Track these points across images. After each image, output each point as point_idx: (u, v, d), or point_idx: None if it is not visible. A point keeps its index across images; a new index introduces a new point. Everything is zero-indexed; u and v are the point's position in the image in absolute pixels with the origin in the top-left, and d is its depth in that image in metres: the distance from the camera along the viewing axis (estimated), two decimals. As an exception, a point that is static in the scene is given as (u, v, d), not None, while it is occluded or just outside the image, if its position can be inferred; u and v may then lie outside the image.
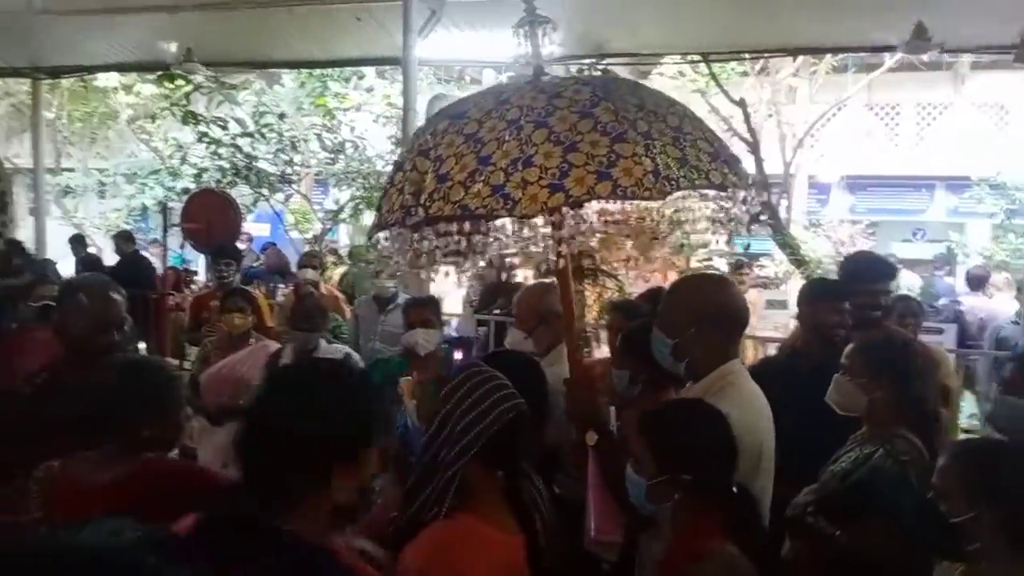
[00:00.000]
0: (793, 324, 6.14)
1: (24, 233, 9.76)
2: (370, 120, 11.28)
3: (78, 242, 10.31)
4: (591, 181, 2.00)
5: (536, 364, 2.81)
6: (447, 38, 7.01)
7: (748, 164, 11.70)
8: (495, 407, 1.90)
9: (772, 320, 7.75)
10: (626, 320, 3.17)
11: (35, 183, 10.23)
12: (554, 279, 2.86)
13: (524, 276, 7.45)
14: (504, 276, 7.17)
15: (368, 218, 12.12)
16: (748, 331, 3.24)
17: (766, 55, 8.79)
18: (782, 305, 8.02)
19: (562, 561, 2.11)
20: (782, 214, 10.81)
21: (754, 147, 10.14)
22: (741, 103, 10.17)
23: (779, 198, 10.99)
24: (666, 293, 2.74)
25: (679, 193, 2.27)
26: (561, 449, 2.65)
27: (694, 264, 9.71)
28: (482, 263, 2.56)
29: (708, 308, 2.30)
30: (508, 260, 6.60)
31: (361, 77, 11.10)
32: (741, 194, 2.31)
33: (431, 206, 2.13)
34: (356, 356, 4.45)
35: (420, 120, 6.70)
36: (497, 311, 6.44)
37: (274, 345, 4.50)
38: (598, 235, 2.59)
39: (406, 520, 1.94)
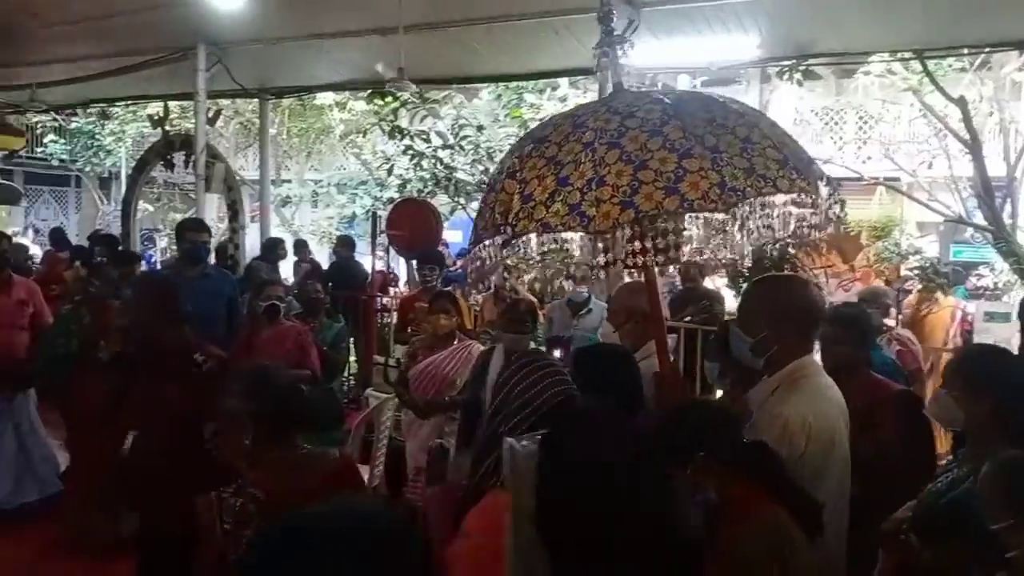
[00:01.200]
0: (1016, 338, 5.64)
1: (249, 238, 10.77)
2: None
3: (302, 246, 11.18)
4: (659, 196, 2.13)
5: (629, 356, 3.01)
6: (642, 46, 7.05)
7: (965, 166, 10.89)
8: (547, 390, 2.14)
9: (993, 333, 7.14)
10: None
11: (260, 193, 11.25)
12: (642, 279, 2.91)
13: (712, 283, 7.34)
14: (691, 284, 7.10)
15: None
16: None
17: (987, 50, 8.08)
18: (1004, 318, 7.39)
19: None
20: (1006, 219, 9.89)
21: (974, 148, 9.37)
22: (960, 101, 9.42)
23: (1002, 202, 10.05)
24: (743, 294, 2.87)
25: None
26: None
27: (904, 272, 9.11)
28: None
29: (780, 308, 2.44)
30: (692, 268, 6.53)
31: (555, 88, 11.36)
32: (811, 199, 2.38)
33: (517, 224, 2.30)
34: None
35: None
36: (688, 319, 6.39)
37: (477, 346, 4.74)
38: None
39: (471, 487, 2.14)
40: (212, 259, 6.96)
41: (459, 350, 4.72)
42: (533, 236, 2.32)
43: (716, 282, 8.04)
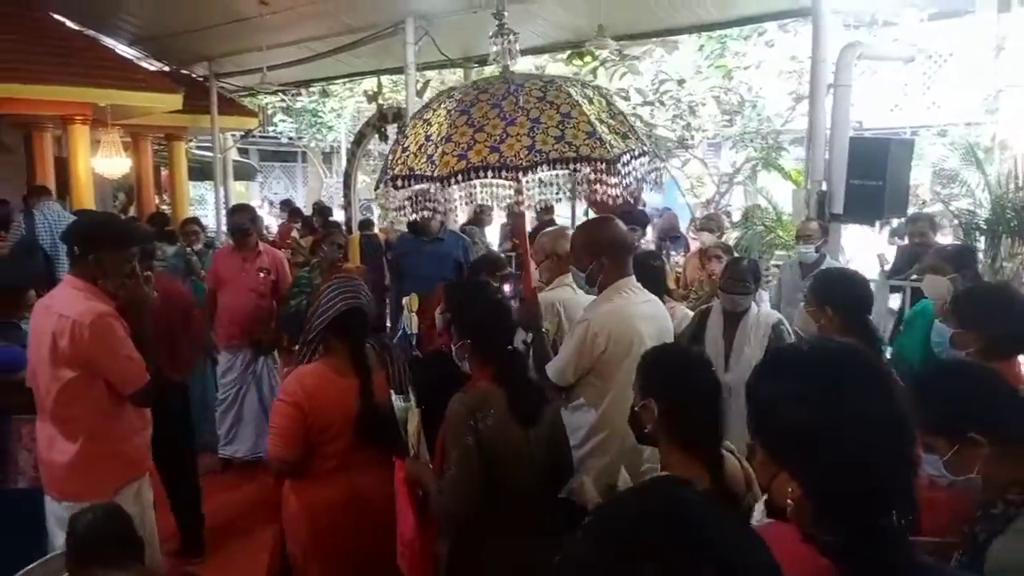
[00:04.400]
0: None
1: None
2: (769, 77, 10.92)
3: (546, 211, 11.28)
4: (485, 152, 2.82)
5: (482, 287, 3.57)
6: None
7: None
8: (337, 302, 2.95)
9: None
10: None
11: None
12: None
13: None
14: (917, 240, 6.51)
15: (764, 179, 11.84)
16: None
17: None
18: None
19: None
20: None
21: None
22: None
23: None
24: (572, 237, 3.48)
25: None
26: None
27: None
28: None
29: (598, 244, 3.11)
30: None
31: (761, 33, 10.77)
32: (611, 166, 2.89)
33: (394, 168, 3.04)
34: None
35: (830, 72, 6.33)
36: (914, 276, 5.89)
37: (681, 308, 4.61)
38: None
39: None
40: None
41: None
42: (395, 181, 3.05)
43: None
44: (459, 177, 2.85)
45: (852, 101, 6.38)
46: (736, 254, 6.29)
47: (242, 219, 5.71)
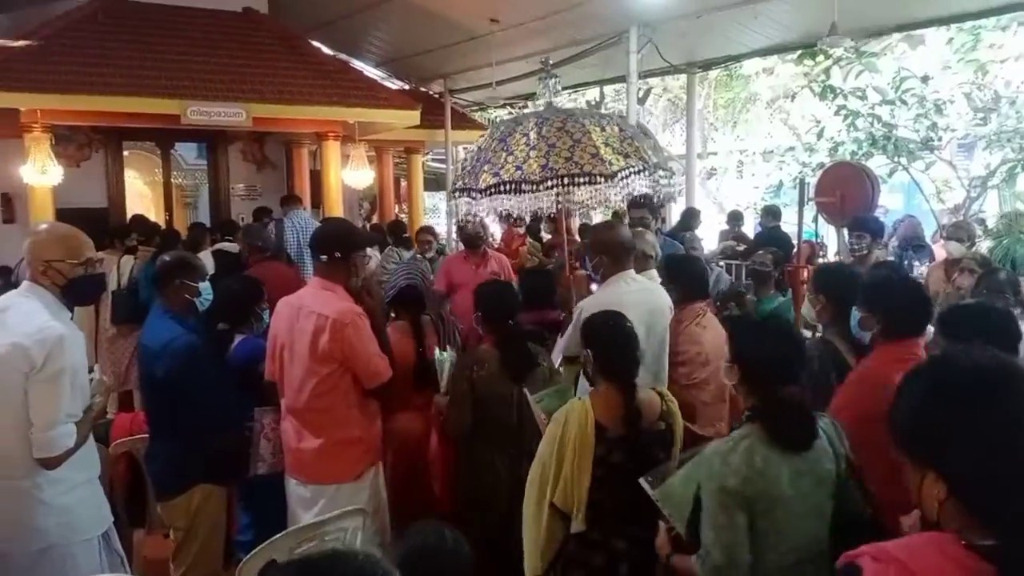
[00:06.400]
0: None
1: (674, 212, 11.03)
2: (1033, 70, 9.81)
3: (735, 219, 10.91)
4: (511, 170, 3.95)
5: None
6: None
7: None
8: (399, 280, 4.90)
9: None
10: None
11: (687, 167, 11.46)
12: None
13: None
14: None
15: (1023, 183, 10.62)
16: None
17: None
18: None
19: None
20: None
21: None
22: None
23: None
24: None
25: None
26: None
27: None
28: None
29: (601, 242, 3.71)
30: None
31: (1022, 23, 9.70)
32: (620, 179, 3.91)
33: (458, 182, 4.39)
34: None
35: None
36: None
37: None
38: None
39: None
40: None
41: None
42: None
43: None
44: (491, 190, 3.98)
45: None
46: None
47: (475, 228, 6.09)
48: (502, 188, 3.89)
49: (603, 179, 3.81)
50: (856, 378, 2.81)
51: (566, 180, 3.83)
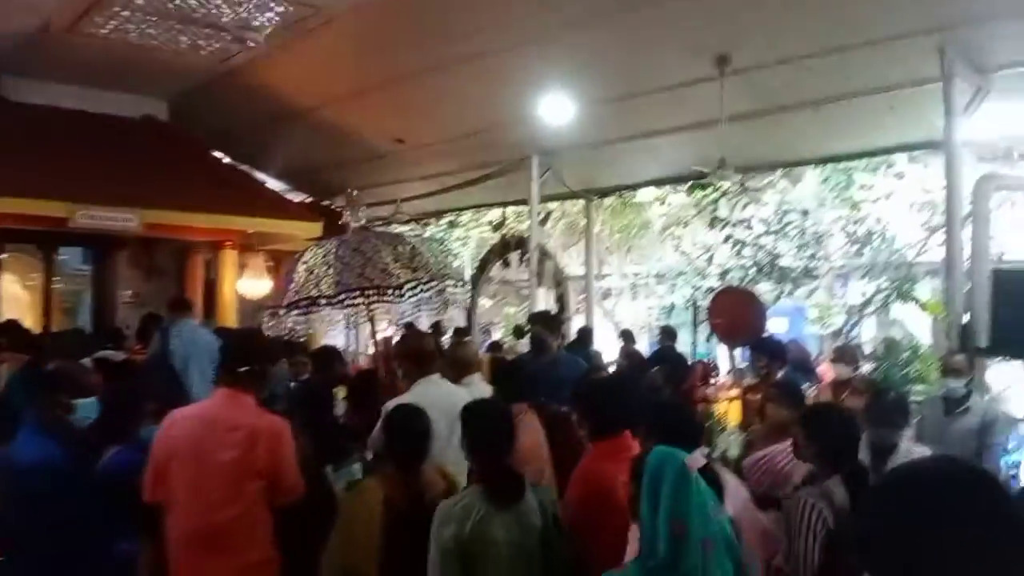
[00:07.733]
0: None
1: (573, 329, 11.21)
2: (900, 208, 10.67)
3: (627, 337, 11.18)
4: (310, 288, 4.54)
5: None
6: (993, 114, 6.37)
7: None
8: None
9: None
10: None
11: (585, 287, 11.76)
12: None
13: None
14: None
15: (897, 311, 11.33)
16: None
17: None
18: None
19: None
20: None
21: None
22: None
23: None
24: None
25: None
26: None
27: None
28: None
29: (403, 352, 4.18)
30: None
31: (890, 165, 10.61)
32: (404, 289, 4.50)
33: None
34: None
35: (966, 203, 6.14)
36: None
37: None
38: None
39: None
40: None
41: (795, 445, 4.45)
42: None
43: None
44: (291, 307, 4.52)
45: (991, 233, 6.13)
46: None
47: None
48: (299, 304, 4.48)
49: (391, 291, 4.37)
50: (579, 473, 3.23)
51: (356, 294, 4.38)
